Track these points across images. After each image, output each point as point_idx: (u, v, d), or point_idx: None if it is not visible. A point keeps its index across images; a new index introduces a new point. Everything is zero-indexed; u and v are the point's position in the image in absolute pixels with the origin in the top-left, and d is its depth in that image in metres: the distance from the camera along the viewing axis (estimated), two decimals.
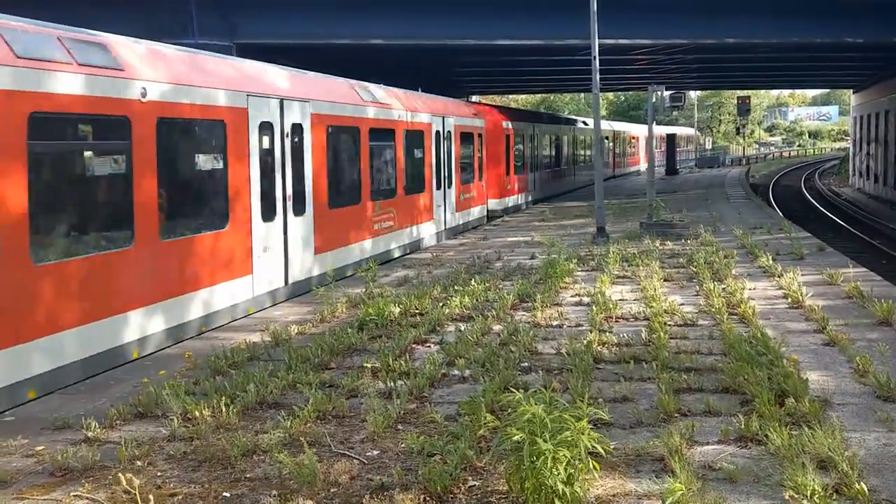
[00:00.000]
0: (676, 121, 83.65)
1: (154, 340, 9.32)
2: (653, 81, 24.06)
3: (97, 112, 8.60)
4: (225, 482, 5.36)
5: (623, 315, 10.01)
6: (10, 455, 5.89)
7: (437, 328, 9.49)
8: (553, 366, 7.81)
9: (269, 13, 21.88)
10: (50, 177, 8.24)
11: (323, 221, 13.34)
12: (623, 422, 6.25)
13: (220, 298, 10.52)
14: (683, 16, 23.92)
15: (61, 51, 8.26)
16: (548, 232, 19.42)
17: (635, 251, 15.23)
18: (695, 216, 22.04)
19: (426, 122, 18.84)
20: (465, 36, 24.28)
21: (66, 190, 8.50)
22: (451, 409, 6.57)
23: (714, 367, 7.58)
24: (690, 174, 53.29)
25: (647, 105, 21.13)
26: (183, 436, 6.16)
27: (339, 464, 5.52)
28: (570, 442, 4.77)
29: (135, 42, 9.80)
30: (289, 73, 13.35)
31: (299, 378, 7.42)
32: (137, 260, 9.06)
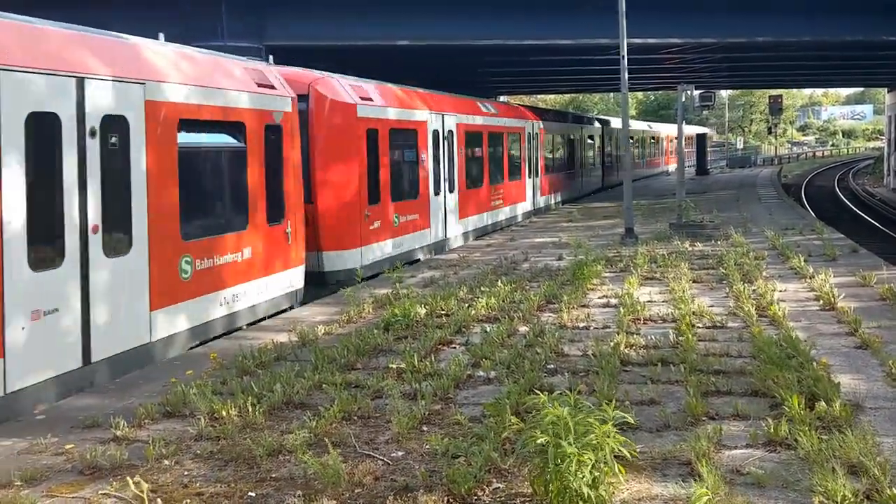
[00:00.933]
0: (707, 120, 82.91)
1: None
2: (682, 80, 23.85)
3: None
4: (251, 482, 5.39)
5: (651, 317, 9.93)
6: (41, 453, 5.98)
7: (463, 329, 9.48)
8: (579, 368, 7.77)
9: (297, 15, 22.00)
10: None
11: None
12: (650, 425, 6.20)
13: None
14: (714, 14, 23.67)
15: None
16: (575, 233, 19.34)
17: (664, 252, 15.11)
18: (725, 217, 21.81)
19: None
20: (492, 36, 24.23)
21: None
22: (476, 411, 6.55)
23: (743, 369, 7.49)
24: (721, 174, 52.80)
25: (677, 104, 20.94)
26: (210, 435, 6.20)
27: (364, 464, 5.53)
28: (596, 445, 4.73)
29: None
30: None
31: (325, 378, 7.45)
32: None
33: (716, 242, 16.82)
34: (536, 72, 39.88)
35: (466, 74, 35.95)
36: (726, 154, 73.67)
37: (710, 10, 23.47)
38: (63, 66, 7.78)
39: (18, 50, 7.37)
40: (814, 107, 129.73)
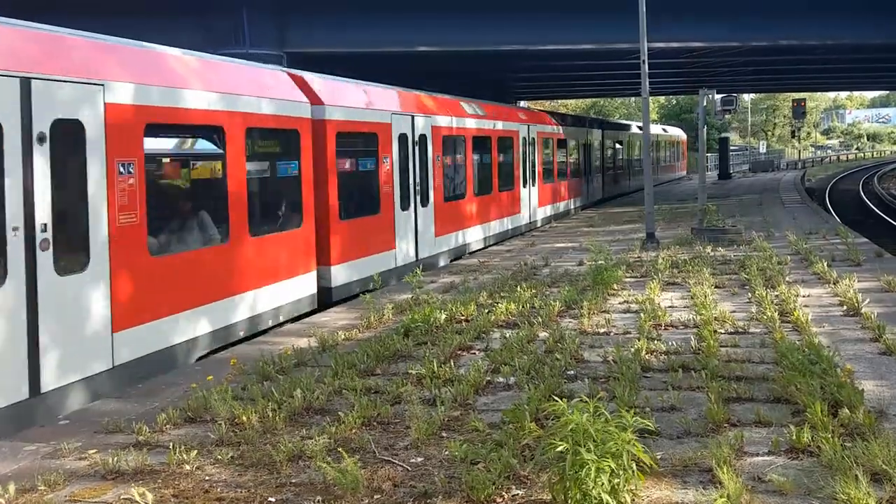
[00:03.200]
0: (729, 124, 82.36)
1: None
2: (704, 84, 23.71)
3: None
4: (271, 487, 5.42)
5: (672, 322, 9.86)
6: (65, 457, 6.04)
7: (483, 335, 9.47)
8: (599, 374, 7.73)
9: (318, 23, 22.15)
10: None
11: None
12: (670, 431, 6.16)
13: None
14: (737, 18, 23.56)
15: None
16: (596, 237, 19.26)
17: (686, 257, 15.02)
18: (748, 221, 21.65)
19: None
20: (514, 42, 24.26)
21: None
22: (496, 417, 6.55)
23: (765, 376, 7.42)
24: (744, 178, 52.41)
25: (698, 109, 20.84)
26: (230, 440, 6.24)
27: (383, 470, 5.54)
28: (615, 452, 4.71)
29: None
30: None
31: (345, 384, 7.47)
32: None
33: (738, 247, 16.69)
34: (557, 77, 39.86)
35: (487, 80, 35.98)
36: (749, 158, 73.13)
37: (734, 14, 23.35)
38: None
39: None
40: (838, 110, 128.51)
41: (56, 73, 7.62)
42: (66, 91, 7.72)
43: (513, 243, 20.18)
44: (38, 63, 7.50)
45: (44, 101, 7.45)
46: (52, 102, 7.56)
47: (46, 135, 7.47)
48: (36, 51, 7.63)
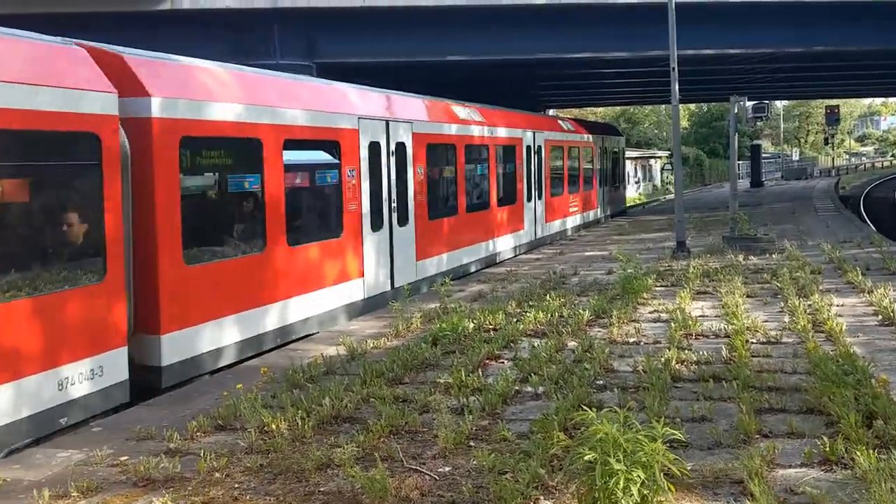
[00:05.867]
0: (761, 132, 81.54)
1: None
2: (736, 91, 23.51)
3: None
4: (299, 495, 5.44)
5: (703, 332, 9.77)
6: (97, 464, 6.12)
7: (511, 344, 9.45)
8: (629, 384, 7.68)
9: (348, 33, 22.29)
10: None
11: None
12: (701, 442, 6.10)
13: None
14: (769, 24, 23.32)
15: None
16: (626, 246, 19.14)
17: (717, 266, 14.88)
18: (780, 229, 21.40)
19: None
20: (542, 50, 24.22)
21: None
22: (524, 427, 6.52)
23: (798, 386, 7.32)
24: (776, 186, 51.84)
25: (730, 116, 20.64)
26: (260, 448, 6.28)
27: (411, 479, 5.54)
28: (645, 462, 4.67)
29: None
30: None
31: (373, 392, 7.50)
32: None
33: (770, 256, 16.49)
34: (587, 85, 39.71)
35: (518, 88, 35.96)
36: (781, 166, 72.29)
37: (766, 20, 23.12)
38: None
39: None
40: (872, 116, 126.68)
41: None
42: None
43: (542, 252, 20.11)
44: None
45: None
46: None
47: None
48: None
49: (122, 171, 8.04)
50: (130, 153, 8.22)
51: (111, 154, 7.87)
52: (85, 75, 7.80)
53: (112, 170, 7.86)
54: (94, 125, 7.75)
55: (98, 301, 7.69)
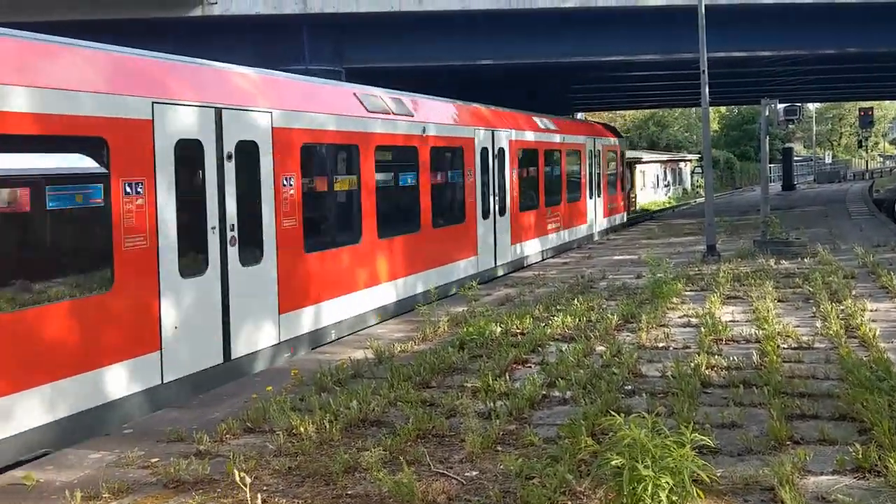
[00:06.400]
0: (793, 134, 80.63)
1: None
2: (767, 94, 23.25)
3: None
4: (327, 498, 5.47)
5: (733, 337, 9.67)
6: (128, 466, 6.19)
7: (539, 348, 9.42)
8: (658, 389, 7.62)
9: (377, 38, 22.39)
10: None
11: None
12: (731, 448, 6.04)
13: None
14: (801, 26, 23.04)
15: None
16: (655, 250, 19.00)
17: (748, 270, 14.72)
18: (812, 233, 21.13)
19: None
20: (572, 54, 24.14)
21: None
22: (551, 432, 6.50)
23: (830, 392, 7.22)
24: (809, 189, 51.23)
25: (761, 119, 20.44)
26: (288, 451, 6.32)
27: (438, 483, 5.55)
28: (673, 468, 4.64)
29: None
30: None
31: (401, 396, 7.51)
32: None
33: (802, 260, 16.29)
34: (616, 88, 39.55)
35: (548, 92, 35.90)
36: (814, 169, 71.41)
37: (798, 22, 22.85)
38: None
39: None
40: None
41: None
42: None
43: (570, 255, 20.02)
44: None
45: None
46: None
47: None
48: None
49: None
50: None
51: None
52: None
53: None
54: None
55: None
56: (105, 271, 7.77)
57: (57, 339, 7.16)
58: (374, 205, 12.25)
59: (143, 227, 8.08)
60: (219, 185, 9.11)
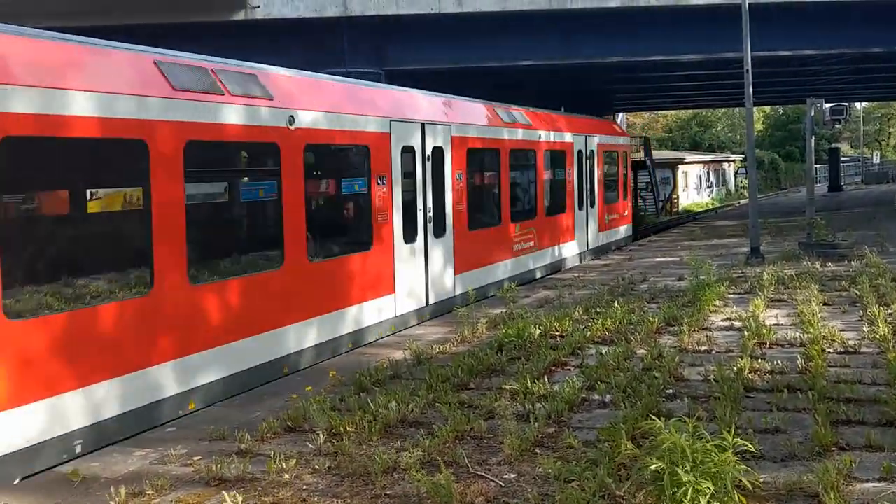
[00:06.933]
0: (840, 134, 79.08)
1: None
2: (812, 93, 22.84)
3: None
4: (366, 498, 5.50)
5: (777, 341, 9.52)
6: (171, 464, 6.29)
7: (578, 351, 9.36)
8: (700, 393, 7.53)
9: (417, 40, 22.45)
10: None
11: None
12: (774, 454, 5.94)
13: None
14: (848, 25, 22.59)
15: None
16: (697, 252, 18.79)
17: (792, 273, 14.48)
18: (859, 235, 20.69)
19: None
20: (613, 54, 23.97)
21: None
22: (591, 435, 6.46)
23: (877, 398, 7.07)
24: (856, 190, 50.24)
25: (806, 119, 20.08)
26: (328, 451, 6.37)
27: (476, 485, 5.54)
28: (715, 473, 4.58)
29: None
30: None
31: (439, 397, 7.52)
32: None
33: (849, 262, 15.97)
34: (658, 88, 39.13)
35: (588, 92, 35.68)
36: (861, 169, 69.93)
37: (845, 21, 22.41)
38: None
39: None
40: None
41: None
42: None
43: (611, 257, 19.84)
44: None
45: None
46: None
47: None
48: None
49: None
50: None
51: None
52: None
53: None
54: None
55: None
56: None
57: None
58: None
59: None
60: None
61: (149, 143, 7.78)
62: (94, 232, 7.59)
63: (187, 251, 8.06)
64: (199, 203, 8.65)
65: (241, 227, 9.96)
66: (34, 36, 7.06)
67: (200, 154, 8.40)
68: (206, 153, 8.61)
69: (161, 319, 7.77)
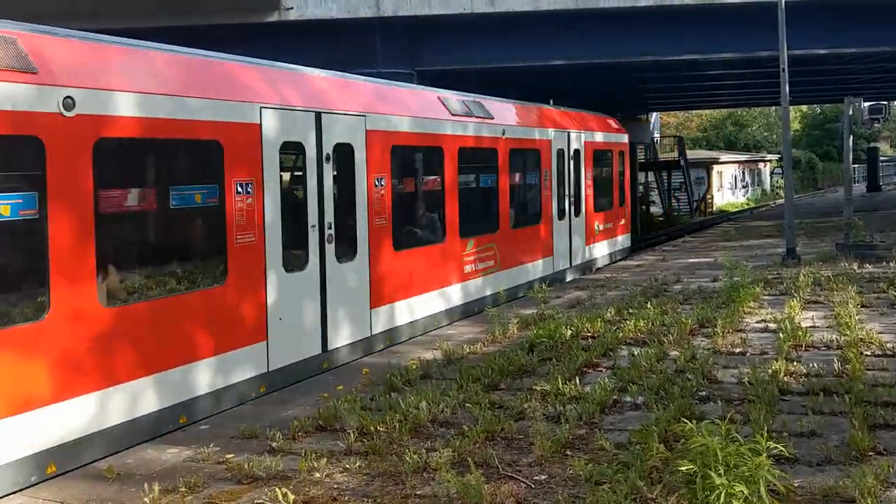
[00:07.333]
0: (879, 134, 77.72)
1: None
2: (850, 92, 22.47)
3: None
4: (396, 497, 5.51)
5: (813, 343, 9.38)
6: (204, 461, 6.35)
7: (610, 352, 9.30)
8: (733, 396, 7.44)
9: (449, 41, 22.44)
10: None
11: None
12: (809, 458, 5.85)
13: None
14: (888, 22, 22.17)
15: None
16: (732, 252, 18.57)
17: (829, 274, 14.24)
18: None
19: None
20: (647, 53, 23.76)
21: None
22: (622, 437, 6.41)
23: None
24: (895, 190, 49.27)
25: (844, 118, 19.75)
26: (358, 450, 6.39)
27: (506, 486, 5.53)
28: (748, 477, 4.52)
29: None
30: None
31: (469, 398, 7.51)
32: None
33: (887, 264, 15.67)
34: (692, 87, 38.72)
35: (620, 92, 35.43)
36: None
37: (884, 19, 22.00)
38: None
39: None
40: None
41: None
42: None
43: (643, 258, 19.68)
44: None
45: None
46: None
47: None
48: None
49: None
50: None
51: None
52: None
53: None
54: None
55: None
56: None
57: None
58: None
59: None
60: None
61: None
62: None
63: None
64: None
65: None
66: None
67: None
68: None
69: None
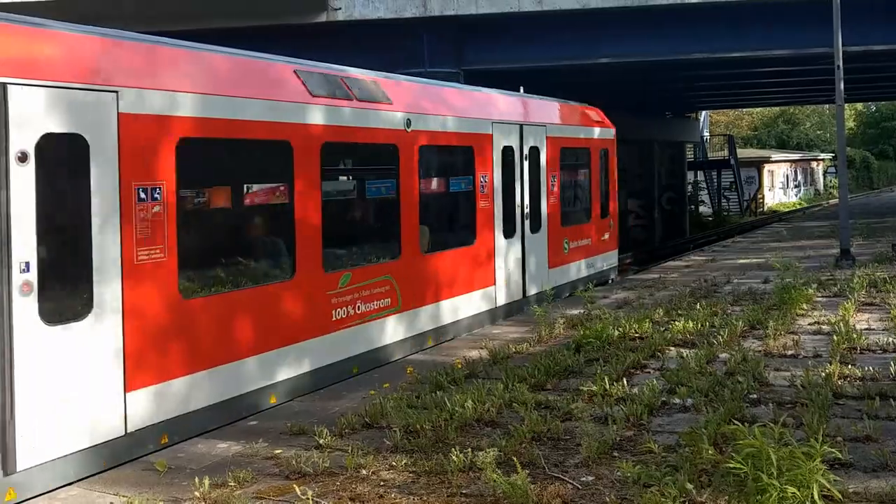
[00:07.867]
0: None
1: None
2: None
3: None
4: (442, 496, 5.51)
5: (869, 346, 9.16)
6: (253, 457, 6.44)
7: (658, 353, 9.19)
8: (785, 399, 7.30)
9: (496, 40, 22.41)
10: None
11: None
12: (865, 464, 5.71)
13: None
14: None
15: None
16: (783, 253, 18.23)
17: (885, 276, 13.90)
18: None
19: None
20: (695, 50, 23.44)
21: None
22: (671, 440, 6.33)
23: None
24: None
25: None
26: (404, 448, 6.41)
27: (552, 487, 5.50)
28: (801, 481, 4.43)
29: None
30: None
31: (515, 397, 7.49)
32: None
33: None
34: (740, 85, 38.10)
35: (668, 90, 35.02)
36: None
37: None
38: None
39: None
40: None
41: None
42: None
43: (692, 258, 19.42)
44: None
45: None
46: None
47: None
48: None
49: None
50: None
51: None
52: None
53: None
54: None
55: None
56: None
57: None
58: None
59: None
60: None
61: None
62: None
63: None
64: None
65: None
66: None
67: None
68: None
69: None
